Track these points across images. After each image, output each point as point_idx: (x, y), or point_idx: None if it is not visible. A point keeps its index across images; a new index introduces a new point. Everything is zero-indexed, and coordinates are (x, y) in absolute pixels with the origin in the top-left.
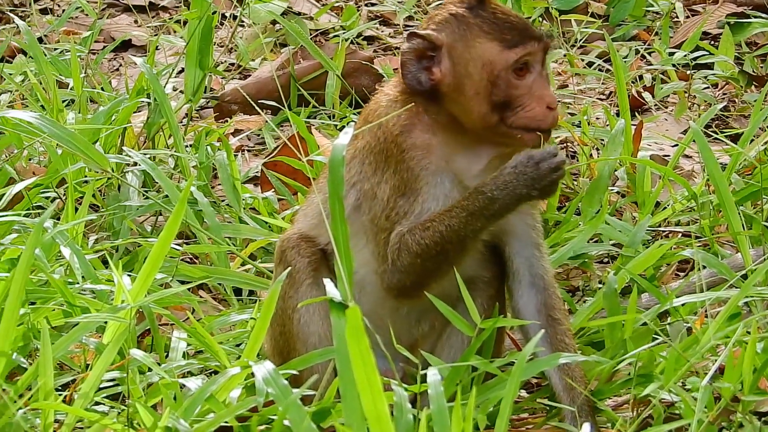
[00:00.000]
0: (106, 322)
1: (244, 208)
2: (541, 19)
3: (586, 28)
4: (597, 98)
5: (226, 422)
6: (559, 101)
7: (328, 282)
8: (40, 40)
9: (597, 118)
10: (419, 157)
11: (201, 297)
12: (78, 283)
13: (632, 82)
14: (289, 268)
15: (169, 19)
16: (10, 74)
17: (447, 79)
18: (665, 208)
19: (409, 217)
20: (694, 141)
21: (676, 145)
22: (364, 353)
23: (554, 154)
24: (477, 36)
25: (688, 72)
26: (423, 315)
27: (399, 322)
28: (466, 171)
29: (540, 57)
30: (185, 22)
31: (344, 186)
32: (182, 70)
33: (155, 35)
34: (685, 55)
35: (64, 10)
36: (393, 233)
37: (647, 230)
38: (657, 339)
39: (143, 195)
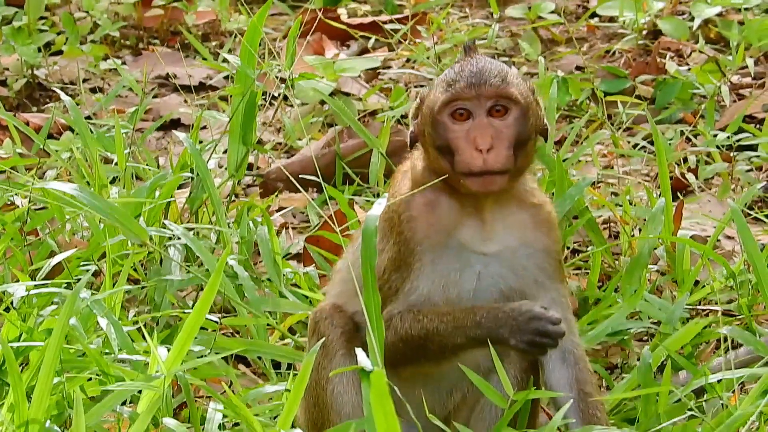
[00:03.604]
0: (140, 392)
1: (286, 284)
2: (588, 101)
3: (632, 110)
4: (642, 180)
5: None
6: (602, 181)
7: (359, 351)
8: (89, 118)
9: (641, 200)
10: (416, 229)
11: (240, 370)
12: (114, 354)
13: (677, 164)
14: (323, 339)
15: (214, 94)
16: (57, 150)
17: (417, 129)
18: (704, 286)
19: (399, 295)
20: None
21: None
22: (388, 416)
23: (554, 321)
24: (437, 84)
25: (732, 154)
26: (455, 386)
27: (429, 393)
28: (475, 237)
29: (480, 103)
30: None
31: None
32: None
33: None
34: (729, 137)
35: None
36: (385, 310)
37: (686, 308)
38: (693, 416)
39: (185, 269)
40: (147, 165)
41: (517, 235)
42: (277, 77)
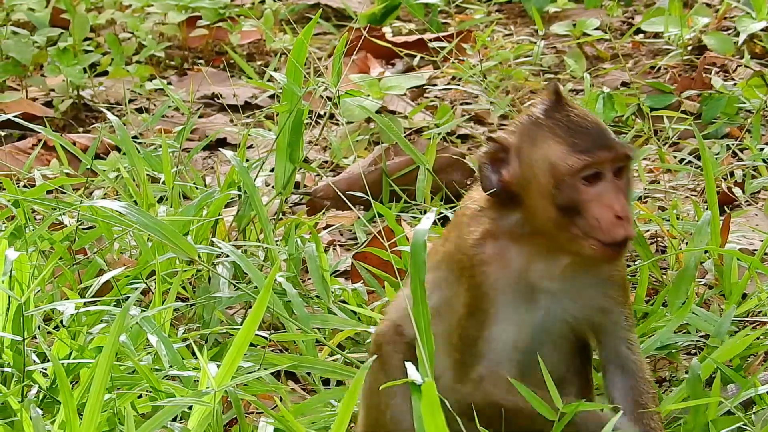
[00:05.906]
0: (191, 408)
1: (334, 300)
2: (634, 116)
3: (678, 125)
4: (689, 195)
5: None
6: (648, 196)
7: (409, 365)
8: (135, 138)
9: (687, 214)
10: (489, 273)
11: (289, 386)
12: (164, 370)
13: (723, 178)
14: (377, 358)
15: (260, 113)
16: (104, 170)
17: (515, 180)
18: (752, 299)
19: (479, 345)
20: None
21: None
22: (440, 429)
23: None
24: (546, 137)
25: None
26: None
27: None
28: (544, 276)
29: (612, 166)
30: None
31: (430, 285)
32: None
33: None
34: None
35: None
36: (474, 370)
37: (734, 321)
38: (741, 429)
39: (233, 287)
40: (194, 184)
41: (584, 267)
42: (322, 96)
